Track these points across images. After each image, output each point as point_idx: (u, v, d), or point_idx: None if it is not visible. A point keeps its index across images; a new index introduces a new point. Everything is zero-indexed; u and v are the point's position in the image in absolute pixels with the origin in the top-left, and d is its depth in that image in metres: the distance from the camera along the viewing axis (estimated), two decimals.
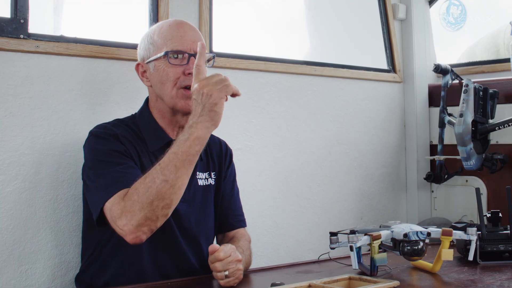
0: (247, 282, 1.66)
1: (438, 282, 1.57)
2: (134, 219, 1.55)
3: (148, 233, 1.58)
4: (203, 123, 1.57)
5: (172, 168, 1.55)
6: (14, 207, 1.89)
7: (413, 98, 3.09)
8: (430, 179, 2.94)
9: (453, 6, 3.21)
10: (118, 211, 1.57)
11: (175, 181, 1.56)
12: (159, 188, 1.55)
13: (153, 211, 1.54)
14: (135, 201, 1.55)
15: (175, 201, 1.58)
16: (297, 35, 3.01)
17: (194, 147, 1.56)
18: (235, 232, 1.96)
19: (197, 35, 1.83)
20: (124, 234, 1.57)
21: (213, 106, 1.57)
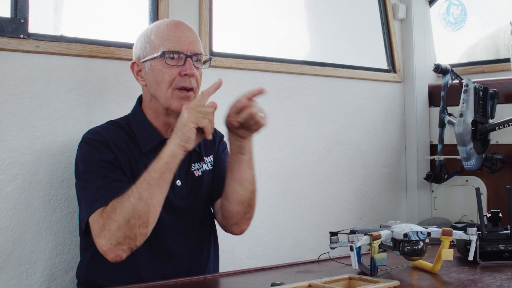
0: (247, 282, 1.66)
1: (438, 282, 1.57)
2: (113, 238, 1.57)
3: (128, 251, 1.60)
4: (174, 140, 1.61)
5: (146, 186, 1.58)
6: (14, 207, 1.89)
7: (413, 98, 3.09)
8: (430, 179, 2.94)
9: (453, 6, 3.21)
10: (97, 229, 1.60)
11: (149, 199, 1.57)
12: (134, 206, 1.57)
13: (130, 229, 1.57)
14: (113, 220, 1.57)
15: (152, 219, 1.60)
16: (297, 35, 3.01)
17: (166, 165, 1.59)
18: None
19: (194, 36, 1.82)
20: (104, 253, 1.60)
21: (182, 126, 1.60)
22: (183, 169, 1.84)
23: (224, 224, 1.90)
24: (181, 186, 1.83)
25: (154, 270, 1.78)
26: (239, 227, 1.88)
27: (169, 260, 1.80)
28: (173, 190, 1.80)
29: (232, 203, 1.83)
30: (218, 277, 1.72)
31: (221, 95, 2.41)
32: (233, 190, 1.81)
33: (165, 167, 1.59)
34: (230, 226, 1.88)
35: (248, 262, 2.48)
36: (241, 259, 2.48)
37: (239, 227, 1.88)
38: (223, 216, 1.88)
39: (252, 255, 2.53)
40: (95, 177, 1.68)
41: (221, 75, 2.40)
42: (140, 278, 1.73)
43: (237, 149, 1.78)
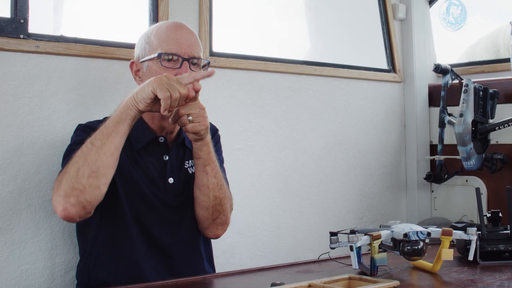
0: (247, 282, 1.66)
1: (438, 282, 1.56)
2: (61, 190, 1.54)
3: (77, 207, 1.54)
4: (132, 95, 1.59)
5: (99, 135, 1.57)
6: (14, 207, 1.89)
7: (413, 98, 3.09)
8: (430, 179, 2.94)
9: (453, 6, 3.21)
10: (54, 186, 1.58)
11: (100, 147, 1.55)
12: (84, 154, 1.55)
13: (79, 179, 1.53)
14: (65, 172, 1.56)
15: (102, 170, 1.55)
16: (297, 35, 3.01)
17: (120, 115, 1.58)
18: None
19: (194, 39, 1.81)
20: (55, 209, 1.56)
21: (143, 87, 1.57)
22: (176, 166, 1.84)
23: (199, 228, 1.88)
24: (174, 184, 1.83)
25: (152, 267, 1.78)
26: (211, 232, 1.87)
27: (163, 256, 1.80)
28: (164, 187, 1.81)
29: (197, 208, 1.82)
30: (218, 277, 1.72)
31: (221, 95, 2.43)
32: (196, 195, 1.81)
33: (120, 117, 1.58)
34: (203, 230, 1.87)
35: (248, 262, 2.48)
36: (241, 259, 2.48)
37: (212, 232, 1.87)
38: (197, 221, 1.87)
39: (252, 255, 2.53)
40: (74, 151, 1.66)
41: (221, 75, 2.41)
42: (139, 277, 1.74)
43: (194, 152, 1.77)
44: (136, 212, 1.76)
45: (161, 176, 1.81)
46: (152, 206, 1.78)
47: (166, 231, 1.81)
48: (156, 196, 1.79)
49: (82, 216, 1.57)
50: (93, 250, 1.79)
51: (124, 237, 1.75)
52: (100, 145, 1.55)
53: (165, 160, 1.83)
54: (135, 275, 1.74)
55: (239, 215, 2.43)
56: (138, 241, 1.76)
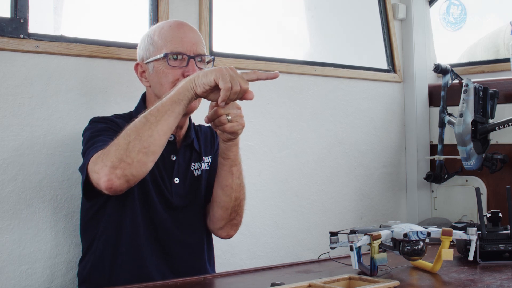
0: (247, 282, 1.66)
1: (438, 282, 1.56)
2: (109, 159, 1.50)
3: (122, 179, 1.51)
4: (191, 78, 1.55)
5: (155, 112, 1.53)
6: (14, 207, 1.89)
7: (413, 98, 3.09)
8: (430, 179, 2.94)
9: (453, 6, 3.21)
10: (95, 159, 1.54)
11: (155, 124, 1.52)
12: (137, 129, 1.51)
13: (128, 152, 1.49)
14: (114, 144, 1.53)
15: (153, 147, 1.52)
16: (297, 35, 3.01)
17: (178, 95, 1.54)
18: None
19: (197, 36, 1.82)
20: (98, 178, 1.52)
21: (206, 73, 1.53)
22: (183, 167, 1.85)
23: (211, 227, 1.90)
24: (179, 184, 1.83)
25: (155, 265, 1.78)
26: (225, 232, 1.88)
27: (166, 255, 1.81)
28: (170, 186, 1.81)
29: (215, 208, 1.84)
30: (218, 277, 1.72)
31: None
32: (217, 195, 1.82)
33: (177, 97, 1.54)
34: (216, 230, 1.89)
35: (248, 262, 2.49)
36: (241, 259, 2.48)
37: (225, 232, 1.88)
38: (210, 220, 1.89)
39: (252, 255, 2.53)
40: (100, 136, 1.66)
41: None
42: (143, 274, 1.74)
43: (221, 152, 1.77)
44: (143, 210, 1.77)
45: (167, 175, 1.82)
46: (157, 205, 1.79)
47: (170, 230, 1.81)
48: (161, 195, 1.79)
49: (123, 190, 1.54)
50: (98, 247, 1.79)
51: (130, 235, 1.76)
52: (155, 122, 1.52)
53: (173, 160, 1.83)
54: (138, 273, 1.75)
55: None
56: (143, 240, 1.77)
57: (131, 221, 1.76)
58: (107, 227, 1.77)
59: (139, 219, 1.76)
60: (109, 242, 1.77)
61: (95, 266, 1.79)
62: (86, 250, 1.84)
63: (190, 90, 1.54)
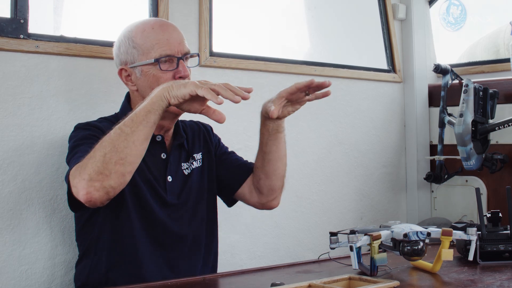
0: (247, 282, 1.66)
1: (438, 282, 1.56)
2: (86, 173, 1.50)
3: (100, 192, 1.50)
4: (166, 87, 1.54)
5: (129, 122, 1.52)
6: (14, 207, 1.89)
7: (413, 98, 3.09)
8: (430, 179, 2.94)
9: (453, 6, 3.21)
10: (74, 172, 1.54)
11: (130, 134, 1.51)
12: (112, 140, 1.51)
13: (105, 164, 1.49)
14: (90, 157, 1.52)
15: (130, 158, 1.51)
16: (297, 35, 3.01)
17: (152, 105, 1.52)
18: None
19: (180, 34, 1.81)
20: (77, 191, 1.52)
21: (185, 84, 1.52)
22: (174, 166, 1.85)
23: (262, 201, 1.99)
24: (172, 182, 1.83)
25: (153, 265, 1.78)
26: (277, 200, 2.02)
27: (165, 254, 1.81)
28: (164, 185, 1.81)
29: (274, 179, 1.93)
30: (218, 277, 1.72)
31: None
32: (276, 168, 1.92)
33: (151, 106, 1.52)
34: (270, 201, 2.00)
35: (248, 262, 2.49)
36: (241, 259, 2.48)
37: (277, 200, 2.02)
38: (262, 194, 1.97)
39: (252, 255, 2.53)
40: (83, 145, 1.66)
41: (221, 75, 2.41)
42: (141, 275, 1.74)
43: (275, 130, 1.89)
44: (137, 211, 1.77)
45: (160, 174, 1.82)
46: (152, 204, 1.79)
47: (167, 228, 1.81)
48: (156, 194, 1.79)
49: (103, 202, 1.55)
50: (96, 250, 1.79)
51: (126, 235, 1.76)
52: (130, 133, 1.51)
53: (163, 158, 1.83)
54: (136, 274, 1.74)
55: (239, 215, 2.43)
56: (141, 240, 1.77)
57: (126, 223, 1.75)
58: (102, 231, 1.77)
59: (134, 221, 1.76)
60: (105, 246, 1.77)
61: (92, 270, 1.79)
62: (82, 254, 1.84)
63: (164, 100, 1.53)
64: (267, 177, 1.93)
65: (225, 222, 2.29)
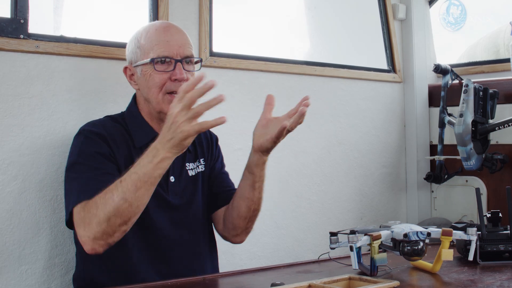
0: (247, 282, 1.66)
1: (438, 282, 1.56)
2: (91, 232, 1.57)
3: (105, 246, 1.60)
4: (170, 150, 1.52)
5: (132, 188, 1.54)
6: (14, 207, 1.89)
7: (413, 98, 3.09)
8: (430, 179, 2.94)
9: (453, 6, 3.21)
10: (78, 220, 1.61)
11: (134, 201, 1.55)
12: (117, 206, 1.54)
13: (110, 227, 1.56)
14: (94, 215, 1.57)
15: (133, 219, 1.59)
16: (297, 35, 3.01)
17: (157, 170, 1.54)
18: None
19: (184, 38, 1.81)
20: (82, 243, 1.61)
21: (183, 140, 1.50)
22: (177, 166, 1.85)
23: (224, 234, 1.95)
24: (175, 183, 1.84)
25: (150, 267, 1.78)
26: (239, 238, 1.95)
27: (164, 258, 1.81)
28: (166, 185, 1.81)
29: (234, 216, 1.88)
30: (218, 277, 1.72)
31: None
32: (237, 204, 1.86)
33: (156, 172, 1.54)
34: (230, 237, 1.94)
35: (248, 262, 2.49)
36: (241, 259, 2.48)
37: (239, 238, 1.95)
38: (225, 227, 1.93)
39: (252, 255, 2.53)
40: (87, 169, 1.68)
41: (221, 75, 2.41)
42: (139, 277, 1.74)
43: (248, 167, 1.83)
44: None
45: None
46: (153, 205, 1.78)
47: (165, 230, 1.81)
48: (157, 194, 1.79)
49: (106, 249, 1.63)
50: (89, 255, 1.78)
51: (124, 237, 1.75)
52: (134, 199, 1.55)
53: None
54: (135, 276, 1.74)
55: None
56: (139, 241, 1.76)
57: None
58: None
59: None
60: None
61: (91, 271, 1.80)
62: (80, 257, 1.85)
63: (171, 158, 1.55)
64: (231, 210, 1.89)
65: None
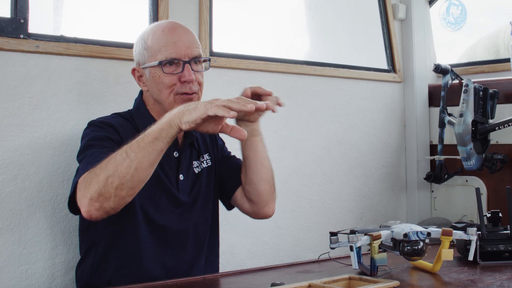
0: (247, 282, 1.66)
1: (438, 282, 1.56)
2: (88, 192, 1.51)
3: (100, 211, 1.52)
4: (178, 114, 1.50)
5: (135, 147, 1.50)
6: (14, 207, 1.89)
7: (413, 98, 3.10)
8: (430, 179, 2.94)
9: (453, 6, 3.21)
10: (80, 184, 1.55)
11: (134, 160, 1.49)
12: (117, 164, 1.50)
13: (106, 187, 1.50)
14: (95, 175, 1.52)
15: (131, 184, 1.51)
16: (297, 35, 3.01)
17: (160, 131, 1.50)
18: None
19: (191, 38, 1.81)
20: (80, 205, 1.55)
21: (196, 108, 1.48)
22: (185, 165, 1.86)
23: (254, 210, 1.93)
24: (184, 181, 1.84)
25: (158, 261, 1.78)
26: (269, 207, 1.94)
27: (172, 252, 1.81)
28: (176, 184, 1.82)
29: (259, 184, 1.88)
30: (218, 277, 1.72)
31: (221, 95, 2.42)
32: (257, 172, 1.87)
33: (159, 133, 1.50)
34: (261, 208, 1.92)
35: (248, 262, 2.49)
36: (241, 259, 2.48)
37: (270, 207, 1.94)
38: (252, 201, 1.92)
39: (252, 255, 2.53)
40: (95, 147, 1.66)
41: (221, 75, 2.41)
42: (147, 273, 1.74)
43: (250, 133, 1.79)
44: (147, 208, 1.77)
45: (172, 172, 1.82)
46: (162, 202, 1.79)
47: (175, 227, 1.81)
48: (167, 192, 1.80)
49: (103, 218, 1.57)
50: (99, 248, 1.79)
51: (132, 233, 1.75)
52: (134, 158, 1.50)
53: (176, 156, 1.84)
54: (141, 272, 1.75)
55: (239, 215, 2.43)
56: (148, 237, 1.76)
57: (131, 222, 1.75)
58: (106, 230, 1.76)
59: (139, 218, 1.76)
60: (110, 245, 1.77)
61: (95, 269, 1.79)
62: (85, 253, 1.84)
63: (174, 126, 1.50)
64: (251, 183, 1.88)
65: (225, 222, 2.29)
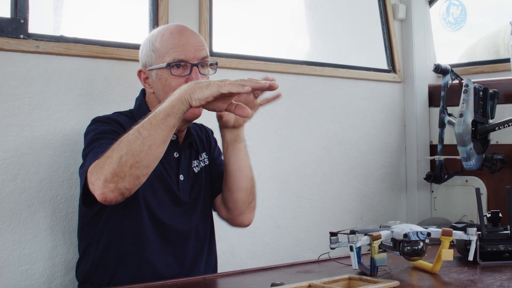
0: (247, 282, 1.66)
1: (438, 282, 1.56)
2: (102, 173, 1.50)
3: (115, 193, 1.51)
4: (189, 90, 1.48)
5: (147, 125, 1.50)
6: (14, 207, 1.89)
7: (413, 98, 3.10)
8: (430, 179, 2.94)
9: (453, 6, 3.21)
10: (92, 169, 1.54)
11: (147, 138, 1.48)
12: (130, 143, 1.49)
13: (121, 167, 1.48)
14: (107, 156, 1.51)
15: (145, 162, 1.50)
16: (297, 35, 3.01)
17: (172, 108, 1.48)
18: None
19: (199, 41, 1.81)
20: (93, 189, 1.53)
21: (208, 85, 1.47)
22: (185, 164, 1.86)
23: (230, 217, 1.93)
24: (184, 181, 1.85)
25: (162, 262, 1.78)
26: (245, 217, 1.92)
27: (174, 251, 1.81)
28: (177, 183, 1.83)
29: (236, 192, 1.87)
30: (218, 277, 1.72)
31: None
32: (236, 179, 1.86)
33: (171, 110, 1.49)
34: (236, 217, 1.91)
35: (248, 262, 2.49)
36: (241, 259, 2.48)
37: (246, 217, 1.92)
38: (228, 209, 1.91)
39: (252, 255, 2.53)
40: (106, 139, 1.65)
41: (221, 75, 2.39)
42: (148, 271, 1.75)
43: (233, 139, 1.83)
44: (149, 207, 1.77)
45: (172, 172, 1.83)
46: (165, 201, 1.79)
47: (178, 226, 1.82)
48: (169, 191, 1.80)
49: (119, 201, 1.55)
50: (98, 247, 1.79)
51: (134, 231, 1.76)
52: (147, 136, 1.49)
53: (176, 157, 1.84)
54: (144, 270, 1.75)
55: None
56: (150, 236, 1.77)
57: (134, 219, 1.75)
58: (106, 227, 1.77)
59: (143, 216, 1.76)
60: (111, 241, 1.77)
61: (95, 266, 1.79)
62: (84, 250, 1.83)
63: (185, 102, 1.49)
64: (229, 190, 1.87)
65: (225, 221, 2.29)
